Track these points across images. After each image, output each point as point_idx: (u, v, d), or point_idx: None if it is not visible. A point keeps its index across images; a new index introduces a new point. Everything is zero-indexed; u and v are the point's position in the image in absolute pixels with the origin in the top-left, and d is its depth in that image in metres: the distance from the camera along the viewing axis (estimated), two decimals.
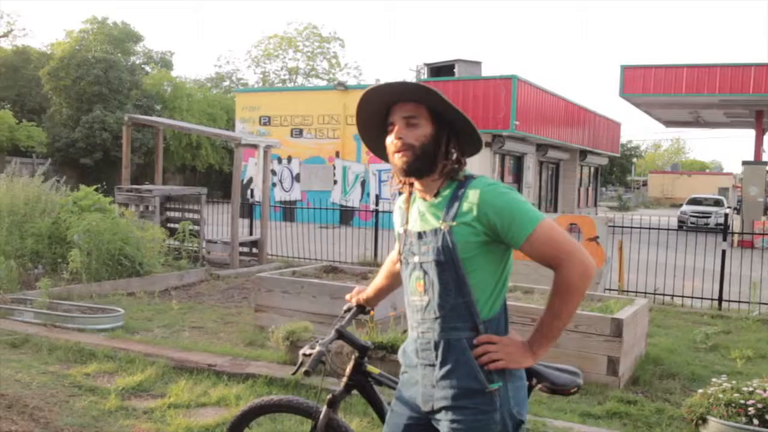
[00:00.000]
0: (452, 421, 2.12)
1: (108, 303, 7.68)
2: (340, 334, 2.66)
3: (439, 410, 2.16)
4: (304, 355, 2.59)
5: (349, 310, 2.82)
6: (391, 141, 2.21)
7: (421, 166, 2.17)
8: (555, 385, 2.39)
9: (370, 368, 2.70)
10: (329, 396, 2.72)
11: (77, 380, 5.20)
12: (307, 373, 2.46)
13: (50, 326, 6.55)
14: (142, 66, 37.59)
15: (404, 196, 2.36)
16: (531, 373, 2.39)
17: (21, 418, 4.31)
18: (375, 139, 2.34)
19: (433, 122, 2.17)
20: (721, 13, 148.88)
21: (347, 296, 2.88)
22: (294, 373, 2.72)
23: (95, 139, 29.30)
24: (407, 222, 2.29)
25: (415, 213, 2.25)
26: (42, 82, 30.83)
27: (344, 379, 2.69)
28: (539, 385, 2.39)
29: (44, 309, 6.90)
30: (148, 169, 27.80)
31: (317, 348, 2.54)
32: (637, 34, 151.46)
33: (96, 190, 10.31)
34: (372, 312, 2.89)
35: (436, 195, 2.19)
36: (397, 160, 2.18)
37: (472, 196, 2.10)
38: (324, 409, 2.74)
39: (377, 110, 2.26)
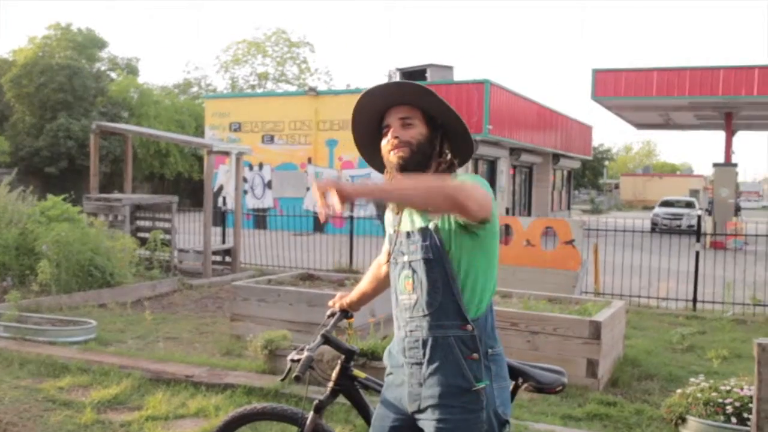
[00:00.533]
0: (439, 420, 2.13)
1: (79, 315, 7.52)
2: (327, 339, 2.65)
3: (426, 409, 2.17)
4: (292, 360, 2.59)
5: (332, 315, 2.81)
6: (387, 141, 2.26)
7: (416, 162, 2.22)
8: (541, 384, 2.43)
9: (356, 372, 2.70)
10: (315, 402, 2.70)
11: (51, 394, 5.07)
12: (297, 378, 2.46)
13: (20, 339, 6.39)
14: (108, 72, 37.01)
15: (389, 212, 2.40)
16: (517, 372, 2.42)
17: None
18: (369, 148, 2.39)
19: (427, 124, 2.25)
20: (693, 14, 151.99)
21: (330, 302, 2.88)
22: (283, 379, 2.72)
23: (60, 147, 28.77)
24: (399, 223, 2.31)
25: (406, 214, 2.28)
26: (4, 89, 30.21)
27: (330, 384, 2.68)
28: (525, 384, 2.43)
29: (13, 322, 6.72)
30: (115, 178, 27.42)
31: (305, 353, 2.54)
32: (608, 38, 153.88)
33: (64, 199, 10.10)
34: (352, 319, 2.87)
35: None
36: (393, 156, 2.23)
37: None
38: (310, 415, 2.72)
39: (370, 119, 2.32)
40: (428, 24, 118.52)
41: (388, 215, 2.44)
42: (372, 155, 2.40)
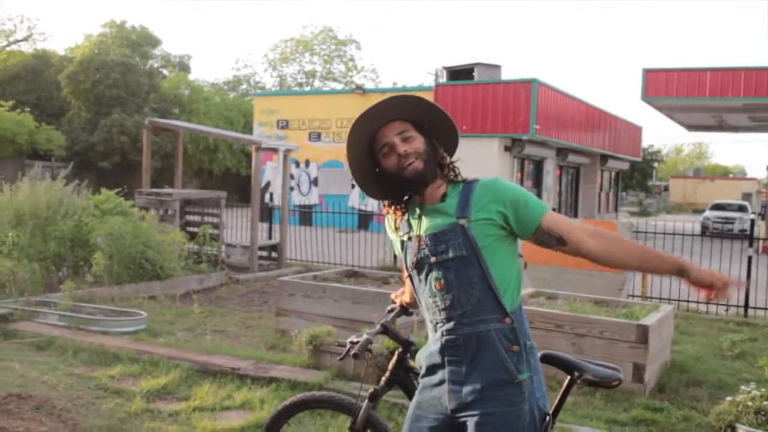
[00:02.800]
0: (483, 414, 2.14)
1: (130, 306, 7.72)
2: (385, 329, 2.71)
3: (468, 405, 2.17)
4: (352, 342, 2.66)
5: (392, 310, 2.86)
6: (393, 158, 2.26)
7: (431, 171, 2.25)
8: (597, 378, 2.41)
9: (413, 363, 2.72)
10: (371, 390, 2.76)
11: (102, 382, 5.23)
12: (356, 356, 2.54)
13: (74, 329, 6.60)
14: (160, 69, 37.86)
15: (390, 219, 2.41)
16: (572, 366, 2.40)
17: (49, 420, 4.34)
18: (365, 177, 2.38)
19: (421, 133, 2.28)
20: (746, 14, 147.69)
21: (392, 295, 2.93)
22: (341, 358, 2.78)
23: (113, 142, 29.54)
24: (411, 229, 2.31)
25: (425, 220, 2.28)
26: (61, 85, 31.13)
27: (387, 374, 2.73)
28: (580, 379, 2.40)
29: (68, 311, 6.95)
30: (165, 173, 27.99)
31: (365, 336, 2.63)
32: (660, 37, 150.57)
33: (117, 193, 10.38)
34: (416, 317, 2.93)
35: (443, 198, 2.26)
36: (408, 173, 2.23)
37: (485, 192, 2.20)
38: (365, 403, 2.76)
39: (362, 145, 2.33)
40: (477, 22, 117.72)
41: (390, 224, 2.43)
42: (368, 183, 2.39)
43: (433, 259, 2.22)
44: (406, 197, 2.34)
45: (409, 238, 2.31)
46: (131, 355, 5.85)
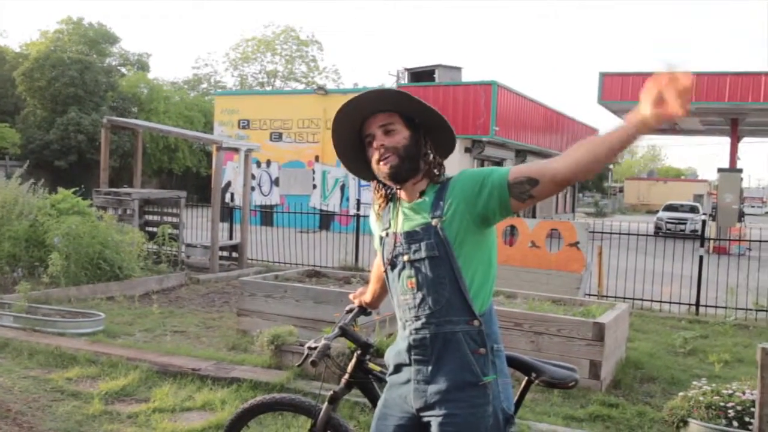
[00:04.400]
0: (446, 416, 2.14)
1: (87, 307, 7.60)
2: (344, 332, 2.71)
3: (433, 405, 2.18)
4: (310, 348, 2.65)
5: (351, 310, 2.85)
6: (372, 151, 2.25)
7: (407, 168, 2.21)
8: (554, 379, 2.44)
9: (372, 365, 2.74)
10: (330, 393, 2.76)
11: (59, 385, 5.14)
12: (314, 363, 2.53)
13: (30, 330, 6.47)
14: (118, 68, 37.23)
15: (378, 204, 2.40)
16: (530, 368, 2.44)
17: (4, 423, 4.25)
18: (354, 160, 2.37)
19: (407, 127, 2.23)
20: (702, 22, 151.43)
21: (351, 296, 2.93)
22: (300, 365, 2.77)
23: (70, 141, 28.94)
24: (389, 225, 2.32)
25: (399, 216, 2.28)
26: (16, 83, 30.38)
27: (345, 377, 2.72)
28: (538, 380, 2.44)
29: (23, 313, 6.81)
30: (123, 172, 27.53)
31: (323, 341, 2.61)
32: (616, 41, 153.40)
33: (74, 193, 10.20)
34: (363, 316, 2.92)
35: (420, 195, 2.25)
36: (383, 167, 2.22)
37: (453, 188, 2.18)
38: (324, 405, 2.77)
39: (351, 130, 2.30)
40: (438, 24, 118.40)
41: (373, 220, 2.44)
42: (357, 166, 2.38)
43: (406, 257, 2.22)
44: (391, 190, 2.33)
45: (387, 234, 2.32)
46: (89, 356, 5.76)
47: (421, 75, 23.48)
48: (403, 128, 2.22)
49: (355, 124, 2.29)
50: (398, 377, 2.32)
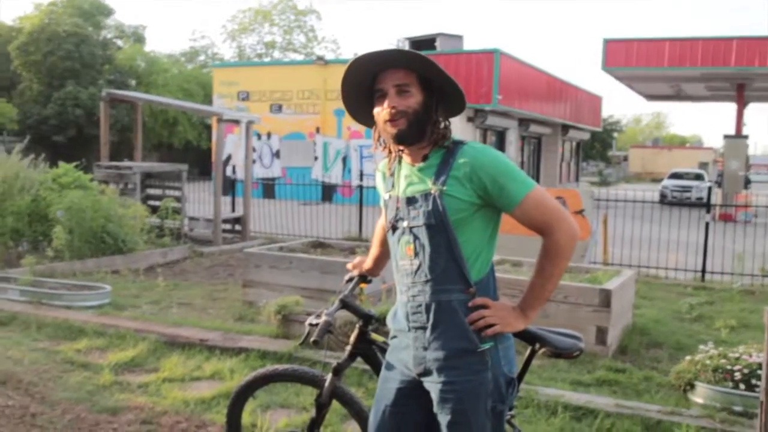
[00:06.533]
0: (445, 383, 2.15)
1: (93, 280, 7.61)
2: (344, 304, 2.69)
3: (431, 372, 2.19)
4: (311, 325, 2.62)
5: (351, 279, 2.83)
6: (381, 109, 2.18)
7: (413, 133, 2.17)
8: (558, 349, 2.44)
9: (374, 336, 2.74)
10: (334, 364, 2.75)
11: (69, 356, 5.17)
12: (316, 343, 2.49)
13: (37, 304, 6.49)
14: (114, 40, 36.86)
15: (385, 162, 2.35)
16: (534, 337, 2.43)
17: (16, 393, 4.28)
18: (358, 106, 2.31)
19: (423, 90, 2.17)
20: None
21: (349, 265, 2.90)
22: (302, 343, 2.76)
23: (68, 116, 28.78)
24: (393, 188, 2.29)
25: (402, 179, 2.26)
26: (11, 57, 30.12)
27: (348, 348, 2.71)
28: (542, 350, 2.43)
29: (29, 287, 6.82)
30: (122, 147, 27.42)
31: (324, 318, 2.57)
32: (620, 7, 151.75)
33: (75, 167, 10.15)
34: (365, 284, 2.90)
35: (424, 159, 2.21)
36: (390, 128, 2.17)
37: (464, 160, 2.13)
38: (329, 377, 2.77)
39: (363, 78, 2.22)
40: None
41: (380, 180, 2.40)
42: (358, 110, 2.31)
43: (405, 223, 2.21)
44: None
45: (389, 197, 2.29)
46: (97, 328, 5.78)
47: (422, 44, 23.26)
48: (418, 91, 2.16)
49: (369, 74, 2.21)
50: (398, 342, 2.33)
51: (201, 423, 4.04)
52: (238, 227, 12.24)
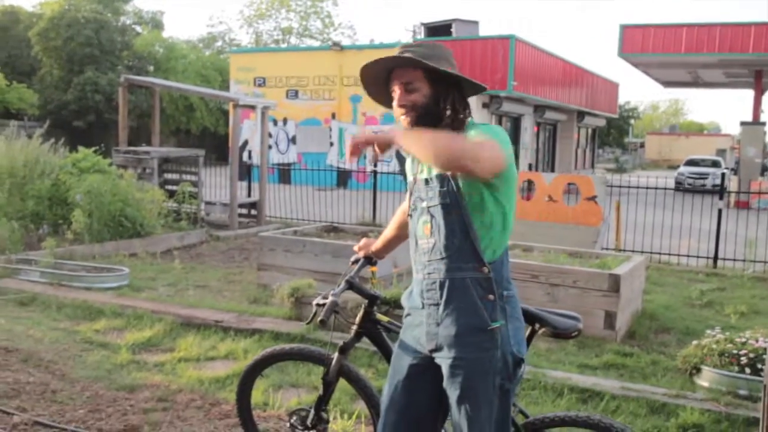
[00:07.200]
0: (455, 358, 2.24)
1: (111, 263, 7.77)
2: (350, 285, 2.77)
3: (442, 347, 2.27)
4: (318, 305, 2.71)
5: (356, 261, 2.92)
6: (395, 106, 2.36)
7: (426, 123, 2.28)
8: (557, 329, 2.51)
9: (379, 316, 2.83)
10: (340, 344, 2.84)
11: (88, 336, 5.32)
12: (322, 322, 2.59)
13: (57, 285, 6.65)
14: (133, 26, 37.07)
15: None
16: (534, 318, 2.50)
17: (37, 371, 4.43)
18: (378, 95, 2.47)
19: (430, 83, 2.29)
20: None
21: (355, 247, 2.98)
22: (309, 323, 2.85)
23: (87, 101, 29.08)
24: (417, 171, 2.40)
25: (422, 164, 2.36)
26: (32, 43, 30.41)
27: (354, 327, 2.80)
28: (542, 330, 2.51)
29: (50, 268, 6.99)
30: (141, 132, 27.68)
31: (330, 298, 2.66)
32: None
33: (94, 152, 10.31)
34: (375, 267, 2.98)
35: None
36: (404, 121, 2.33)
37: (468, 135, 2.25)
38: (336, 355, 2.86)
39: (379, 74, 2.39)
40: None
41: (408, 163, 2.52)
42: (379, 97, 2.48)
43: (423, 203, 2.32)
44: None
45: (414, 180, 2.41)
46: (115, 309, 5.93)
47: (438, 30, 23.20)
48: (425, 85, 2.29)
49: (385, 70, 2.38)
50: (412, 320, 2.41)
51: (215, 401, 4.16)
52: (253, 212, 12.39)
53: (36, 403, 3.98)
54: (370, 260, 2.93)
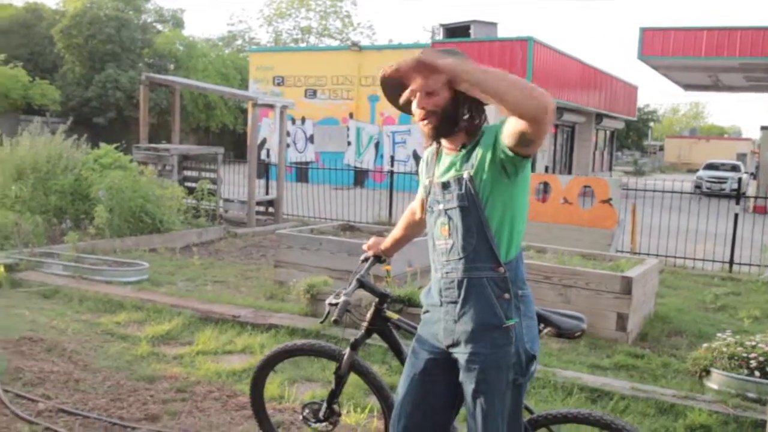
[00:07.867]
0: (471, 353, 2.33)
1: (131, 258, 7.92)
2: (361, 283, 2.86)
3: (459, 343, 2.36)
4: (331, 304, 2.79)
5: (366, 260, 3.01)
6: (414, 110, 2.40)
7: (445, 129, 2.37)
8: (561, 330, 2.59)
9: (390, 314, 2.91)
10: (352, 340, 2.93)
11: (109, 328, 5.47)
12: (336, 322, 2.67)
13: (79, 278, 6.81)
14: (154, 24, 37.41)
15: (432, 149, 2.55)
16: (539, 318, 2.58)
17: (61, 360, 4.57)
18: (397, 98, 2.50)
19: (449, 87, 2.32)
20: None
21: (364, 246, 3.07)
22: (323, 321, 2.96)
23: (108, 98, 29.39)
24: (433, 174, 2.48)
25: (442, 166, 2.45)
26: (54, 40, 30.79)
27: (365, 324, 2.89)
28: (546, 330, 2.59)
29: (72, 262, 7.15)
30: (161, 130, 27.93)
31: (342, 298, 2.75)
32: None
33: (116, 148, 10.49)
34: (389, 266, 3.07)
35: (460, 149, 2.39)
36: (423, 127, 2.39)
37: (484, 138, 2.33)
38: (347, 351, 2.95)
39: (398, 80, 2.40)
40: None
41: (422, 167, 2.60)
42: (395, 96, 2.48)
43: (441, 206, 2.40)
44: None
45: (430, 183, 2.49)
46: (135, 303, 6.08)
47: (456, 31, 23.22)
48: (444, 89, 2.32)
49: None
50: (431, 316, 2.50)
51: (232, 393, 4.27)
52: (271, 210, 12.52)
53: (60, 392, 4.11)
54: (379, 259, 3.02)
